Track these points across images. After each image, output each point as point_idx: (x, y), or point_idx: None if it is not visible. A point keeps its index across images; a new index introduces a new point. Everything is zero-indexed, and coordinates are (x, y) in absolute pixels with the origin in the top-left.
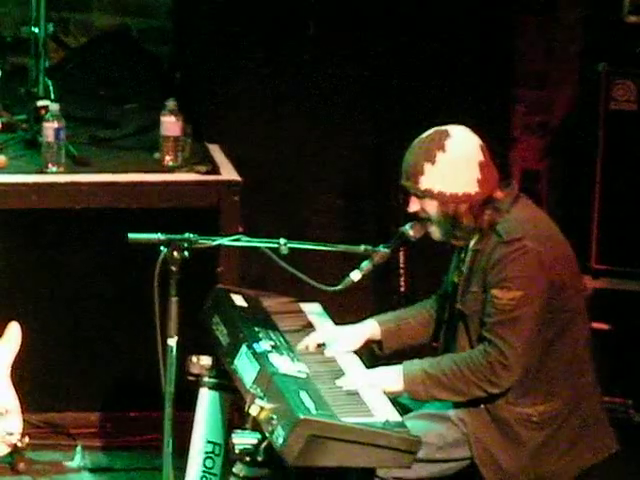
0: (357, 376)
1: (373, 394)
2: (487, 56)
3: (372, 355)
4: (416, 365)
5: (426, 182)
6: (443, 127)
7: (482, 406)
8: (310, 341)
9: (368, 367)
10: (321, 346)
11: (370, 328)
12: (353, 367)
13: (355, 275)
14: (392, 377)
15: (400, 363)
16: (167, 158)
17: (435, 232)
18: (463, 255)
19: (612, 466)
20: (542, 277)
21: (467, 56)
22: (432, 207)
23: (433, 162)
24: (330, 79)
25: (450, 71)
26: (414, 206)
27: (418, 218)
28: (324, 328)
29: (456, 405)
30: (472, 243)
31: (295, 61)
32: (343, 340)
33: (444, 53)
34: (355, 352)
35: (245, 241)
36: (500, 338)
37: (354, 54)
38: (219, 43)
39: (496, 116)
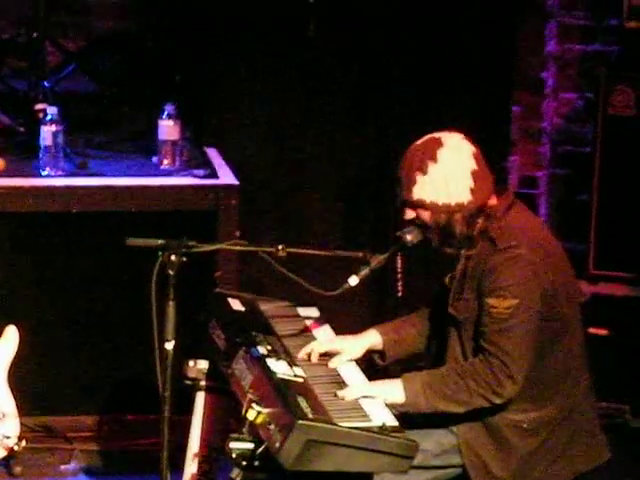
0: (358, 387)
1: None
2: (486, 62)
3: (372, 364)
4: (417, 377)
5: (418, 192)
6: (437, 135)
7: (474, 412)
8: (312, 350)
9: (367, 375)
10: (323, 356)
11: (371, 338)
12: (352, 374)
13: (353, 280)
14: (393, 389)
15: (399, 375)
16: (165, 162)
17: (433, 240)
18: (455, 260)
19: (608, 471)
20: (536, 285)
21: (466, 62)
22: (425, 216)
23: (425, 172)
24: (329, 82)
25: (449, 76)
26: (408, 214)
27: (416, 223)
28: (325, 337)
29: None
30: (464, 250)
31: (294, 64)
32: (345, 350)
33: (444, 58)
34: (355, 361)
35: (243, 245)
36: (499, 348)
37: (353, 57)
38: (219, 46)
39: (495, 121)
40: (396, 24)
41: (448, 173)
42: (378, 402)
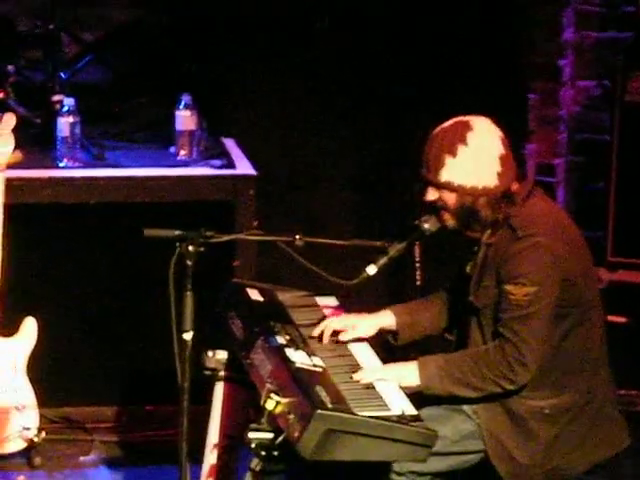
0: (373, 370)
1: (389, 387)
2: (503, 49)
3: (386, 345)
4: (432, 361)
5: (446, 174)
6: (465, 118)
7: (495, 399)
8: (325, 327)
9: (383, 359)
10: (336, 334)
11: (385, 318)
12: (369, 361)
13: (371, 269)
14: (409, 373)
15: (415, 358)
16: (182, 152)
17: (450, 221)
18: (475, 248)
19: (626, 459)
20: (555, 273)
21: (483, 48)
22: (450, 199)
23: (454, 155)
24: (344, 73)
25: (466, 64)
26: (431, 195)
27: (433, 209)
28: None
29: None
30: (485, 236)
31: (309, 56)
32: (356, 326)
33: (459, 45)
34: (370, 344)
35: (261, 235)
36: (515, 334)
37: (367, 49)
38: (234, 37)
39: (512, 109)
40: (397, 21)
41: (478, 157)
42: (397, 390)
